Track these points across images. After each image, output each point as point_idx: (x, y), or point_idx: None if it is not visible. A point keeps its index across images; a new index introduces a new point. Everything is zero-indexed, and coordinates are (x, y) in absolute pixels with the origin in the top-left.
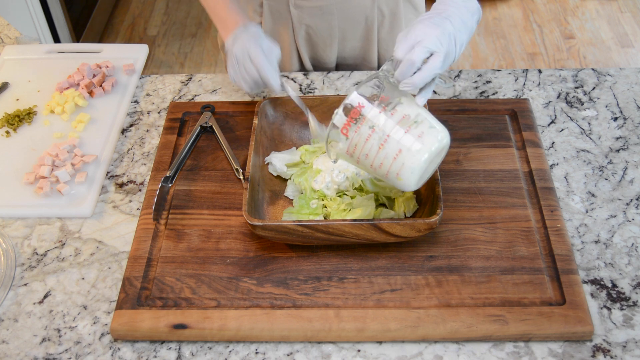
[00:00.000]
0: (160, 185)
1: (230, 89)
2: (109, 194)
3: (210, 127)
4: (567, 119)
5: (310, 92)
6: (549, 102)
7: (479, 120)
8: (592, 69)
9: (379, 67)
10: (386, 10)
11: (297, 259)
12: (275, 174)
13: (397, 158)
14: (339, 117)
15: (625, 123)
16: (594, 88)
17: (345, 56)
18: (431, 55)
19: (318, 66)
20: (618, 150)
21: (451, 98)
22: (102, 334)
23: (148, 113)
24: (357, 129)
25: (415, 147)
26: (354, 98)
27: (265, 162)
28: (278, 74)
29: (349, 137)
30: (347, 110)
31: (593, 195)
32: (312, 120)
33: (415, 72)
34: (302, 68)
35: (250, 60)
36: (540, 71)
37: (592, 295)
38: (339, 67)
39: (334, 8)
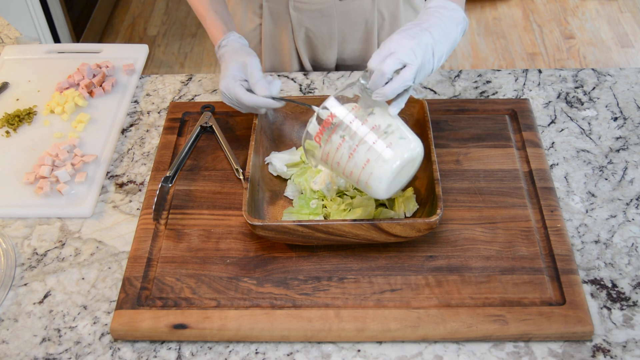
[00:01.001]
0: (160, 185)
1: None
2: (109, 194)
3: (210, 127)
4: (567, 119)
5: (310, 92)
6: (549, 102)
7: (479, 120)
8: (592, 69)
9: None
10: (386, 12)
11: (297, 259)
12: (275, 174)
13: (366, 167)
14: (312, 125)
15: (625, 123)
16: (594, 88)
17: (345, 58)
18: (404, 66)
19: (318, 68)
20: (618, 150)
21: (451, 98)
22: (102, 334)
23: (148, 113)
24: (328, 137)
25: (383, 157)
26: (327, 107)
27: (265, 162)
28: (271, 93)
29: (321, 145)
30: (320, 120)
31: (593, 195)
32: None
33: (387, 83)
34: (302, 69)
35: (237, 100)
36: (540, 71)
37: (592, 295)
38: (338, 68)
39: (334, 11)
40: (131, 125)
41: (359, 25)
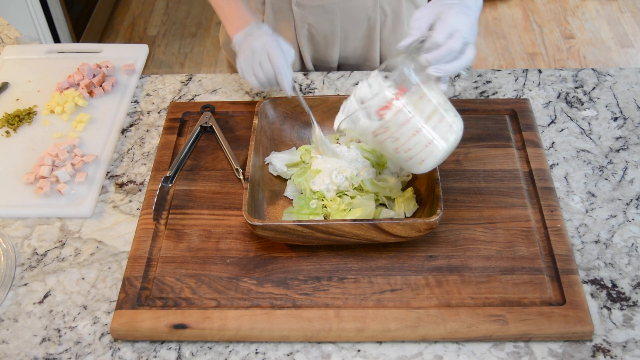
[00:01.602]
0: (160, 185)
1: (230, 89)
2: (109, 194)
3: (210, 127)
4: (567, 119)
5: (310, 92)
6: (549, 102)
7: (479, 120)
8: (592, 69)
9: None
10: (389, 9)
11: (297, 259)
12: (275, 174)
13: (428, 146)
14: (379, 99)
15: (625, 123)
16: (594, 88)
17: (347, 56)
18: (465, 45)
19: (320, 65)
20: (618, 150)
21: (451, 98)
22: (102, 334)
23: (148, 113)
24: (395, 113)
25: (446, 137)
26: (404, 73)
27: (266, 162)
28: (292, 77)
29: (385, 118)
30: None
31: (593, 195)
32: (317, 129)
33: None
34: (304, 67)
35: (268, 57)
36: (540, 71)
37: (592, 295)
38: (340, 66)
39: (336, 7)
40: (131, 125)
41: (361, 23)
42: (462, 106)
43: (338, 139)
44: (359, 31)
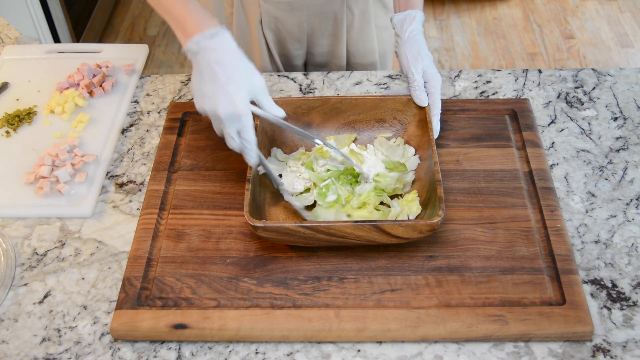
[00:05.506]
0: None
1: None
2: (109, 194)
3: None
4: (567, 119)
5: (310, 92)
6: (549, 102)
7: (479, 120)
8: (592, 69)
9: (347, 65)
10: (356, 9)
11: (297, 259)
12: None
13: None
14: None
15: (625, 123)
16: (594, 88)
17: (313, 52)
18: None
19: (286, 62)
20: (618, 150)
21: (451, 98)
22: (102, 334)
23: (148, 113)
24: None
25: None
26: None
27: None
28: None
29: None
30: None
31: (593, 195)
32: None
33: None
34: (272, 62)
35: (241, 126)
36: (540, 71)
37: (592, 295)
38: (307, 64)
39: (304, 4)
40: (131, 125)
41: (328, 20)
42: (462, 106)
43: (354, 140)
44: (325, 28)
